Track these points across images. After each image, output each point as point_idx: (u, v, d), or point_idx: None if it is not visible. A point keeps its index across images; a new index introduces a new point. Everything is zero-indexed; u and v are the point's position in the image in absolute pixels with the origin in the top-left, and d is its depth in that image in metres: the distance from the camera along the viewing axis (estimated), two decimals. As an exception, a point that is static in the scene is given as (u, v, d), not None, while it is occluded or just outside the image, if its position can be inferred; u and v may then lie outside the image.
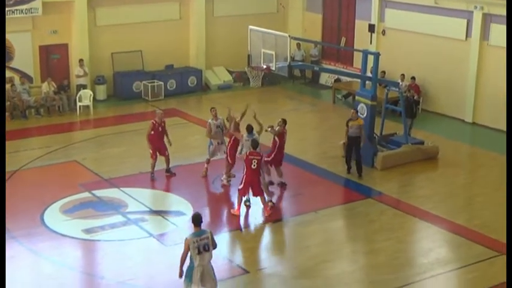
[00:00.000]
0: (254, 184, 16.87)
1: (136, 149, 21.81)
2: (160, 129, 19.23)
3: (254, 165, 16.74)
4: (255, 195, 17.10)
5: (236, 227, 16.76)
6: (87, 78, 27.06)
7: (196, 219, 12.06)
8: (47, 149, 21.80)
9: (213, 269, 12.20)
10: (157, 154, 19.26)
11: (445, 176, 20.14)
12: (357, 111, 19.86)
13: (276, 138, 18.69)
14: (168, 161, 19.46)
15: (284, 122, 18.94)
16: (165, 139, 19.37)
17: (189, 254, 11.90)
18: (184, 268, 12.09)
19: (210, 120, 19.39)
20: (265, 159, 18.15)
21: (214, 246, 12.15)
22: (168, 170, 19.50)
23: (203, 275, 11.93)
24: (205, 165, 19.41)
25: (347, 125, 19.52)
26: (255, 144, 17.07)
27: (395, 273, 14.38)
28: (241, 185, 16.95)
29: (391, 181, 19.58)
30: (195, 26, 29.68)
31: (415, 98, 23.41)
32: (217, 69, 30.54)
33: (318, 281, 14.06)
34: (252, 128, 18.21)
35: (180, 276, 12.08)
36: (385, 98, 21.99)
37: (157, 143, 19.21)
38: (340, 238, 16.36)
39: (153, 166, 19.27)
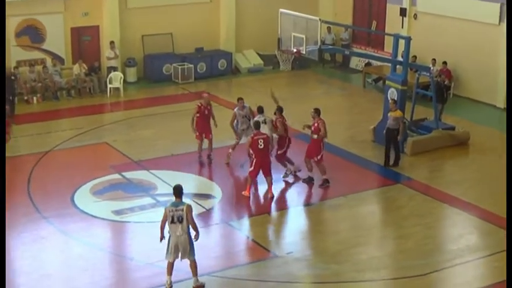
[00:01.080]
0: (264, 164, 16.98)
1: (166, 131, 21.90)
2: (206, 112, 19.20)
3: (261, 145, 16.84)
4: (264, 175, 17.14)
5: (265, 211, 16.78)
6: (118, 60, 27.18)
7: (176, 190, 12.60)
8: (78, 131, 21.96)
9: (190, 244, 12.59)
10: (203, 136, 19.27)
11: (475, 162, 19.96)
12: (395, 102, 19.27)
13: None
14: (211, 145, 19.43)
15: (279, 109, 18.48)
16: (212, 122, 19.37)
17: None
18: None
19: (236, 110, 19.28)
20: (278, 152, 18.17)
21: (193, 224, 12.57)
22: (209, 156, 19.42)
23: (176, 247, 12.52)
24: (230, 150, 19.35)
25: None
26: (257, 125, 17.36)
27: (424, 259, 14.30)
28: (252, 168, 17.06)
29: (420, 167, 19.45)
30: (226, 8, 29.63)
31: (446, 83, 23.19)
32: (247, 52, 30.49)
33: (346, 266, 14.03)
34: (263, 109, 18.37)
35: (160, 240, 12.73)
36: (415, 83, 21.78)
37: (203, 126, 19.19)
38: (369, 223, 16.30)
39: (200, 147, 19.31)
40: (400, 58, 22.04)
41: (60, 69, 26.11)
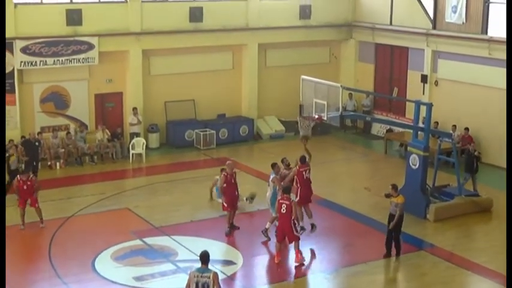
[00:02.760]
0: (286, 229, 16.92)
1: (188, 197, 21.96)
2: (232, 180, 18.95)
3: (284, 210, 16.82)
4: (289, 241, 17.09)
5: (285, 278, 16.65)
6: (141, 126, 27.46)
7: (203, 257, 12.33)
8: (100, 196, 22.08)
9: None
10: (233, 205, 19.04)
11: (499, 228, 19.73)
12: (396, 187, 17.79)
13: (296, 178, 18.80)
14: (234, 214, 19.27)
15: (301, 160, 18.95)
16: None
17: None
18: None
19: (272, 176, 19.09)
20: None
21: None
22: (233, 224, 19.19)
23: None
24: (269, 224, 18.72)
25: (386, 196, 18.05)
26: (287, 189, 17.32)
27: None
28: (276, 232, 17.20)
29: (444, 233, 19.27)
30: (248, 75, 29.99)
31: (476, 153, 23.00)
32: (268, 118, 30.69)
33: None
34: (276, 165, 18.78)
35: None
36: (437, 149, 21.78)
37: (231, 195, 18.91)
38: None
39: (231, 218, 19.01)
40: (421, 124, 22.08)
41: (84, 135, 26.39)
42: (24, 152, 23.05)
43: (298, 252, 17.07)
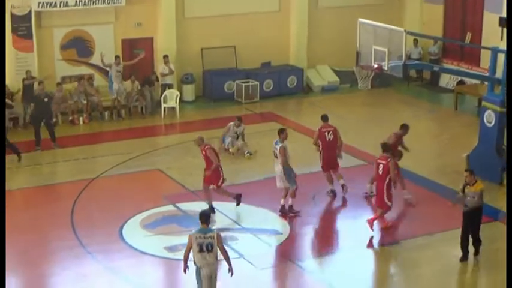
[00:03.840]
0: (378, 192, 17.21)
1: (227, 157, 22.05)
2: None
3: (380, 171, 17.02)
4: (376, 204, 17.43)
5: (340, 250, 16.72)
6: (174, 76, 27.53)
7: (204, 217, 12.87)
8: (128, 156, 22.29)
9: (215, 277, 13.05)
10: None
11: None
12: (473, 173, 16.18)
13: (319, 141, 19.12)
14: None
15: (322, 118, 19.33)
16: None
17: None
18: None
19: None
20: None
21: (225, 255, 12.97)
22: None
23: (210, 277, 12.85)
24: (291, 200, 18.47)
25: (462, 191, 16.18)
26: (385, 147, 17.58)
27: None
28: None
29: (522, 202, 19.08)
30: (296, 18, 29.80)
31: None
32: (320, 68, 30.54)
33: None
34: (284, 131, 18.26)
35: (184, 271, 13.09)
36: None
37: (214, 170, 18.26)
38: (459, 267, 16.04)
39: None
40: (499, 75, 21.74)
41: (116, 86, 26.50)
42: (34, 110, 23.35)
43: (379, 218, 17.26)
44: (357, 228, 17.67)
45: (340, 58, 29.70)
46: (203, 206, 18.50)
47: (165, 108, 26.59)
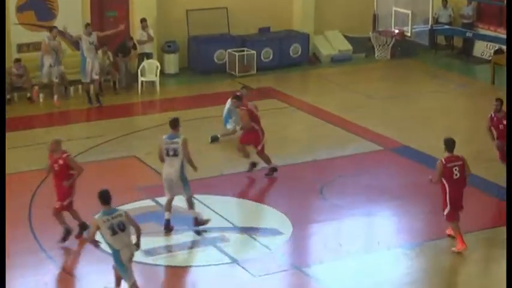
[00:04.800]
0: (459, 200, 16.48)
1: (217, 143, 22.03)
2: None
3: (456, 175, 16.29)
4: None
5: (353, 253, 16.74)
6: (153, 44, 27.51)
7: (104, 197, 13.86)
8: (98, 139, 22.28)
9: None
10: None
11: None
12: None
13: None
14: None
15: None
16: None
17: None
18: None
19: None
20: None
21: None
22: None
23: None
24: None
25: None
26: (448, 143, 16.63)
27: None
28: (448, 209, 16.48)
29: None
30: (301, -26, 29.82)
31: None
32: (330, 34, 30.51)
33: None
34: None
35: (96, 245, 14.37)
36: None
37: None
38: (502, 272, 16.04)
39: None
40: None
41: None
42: None
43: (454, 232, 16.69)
44: (371, 228, 17.78)
45: (354, 22, 29.72)
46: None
47: (142, 82, 26.58)
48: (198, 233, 17.12)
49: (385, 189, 19.27)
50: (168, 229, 17.18)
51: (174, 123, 16.98)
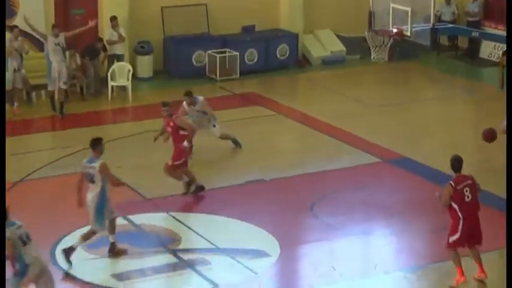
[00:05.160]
0: (476, 226, 16.04)
1: (196, 154, 21.97)
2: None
3: (468, 197, 15.87)
4: (477, 243, 16.27)
5: (347, 277, 16.72)
6: (124, 45, 27.51)
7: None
8: (63, 151, 22.20)
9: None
10: None
11: None
12: None
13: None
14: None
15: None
16: None
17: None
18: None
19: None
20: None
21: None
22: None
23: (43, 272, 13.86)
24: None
25: None
26: (456, 163, 16.21)
27: None
28: (457, 235, 16.06)
29: None
30: (289, -34, 29.89)
31: None
32: (321, 33, 30.58)
33: None
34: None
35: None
36: None
37: None
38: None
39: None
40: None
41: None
42: None
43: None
44: (368, 249, 17.76)
45: (348, 20, 29.81)
46: (164, 219, 18.58)
47: (112, 87, 26.56)
48: (176, 255, 17.08)
49: (382, 206, 19.23)
50: (114, 253, 17.05)
51: (94, 144, 16.32)
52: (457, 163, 16.09)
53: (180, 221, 18.43)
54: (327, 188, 19.61)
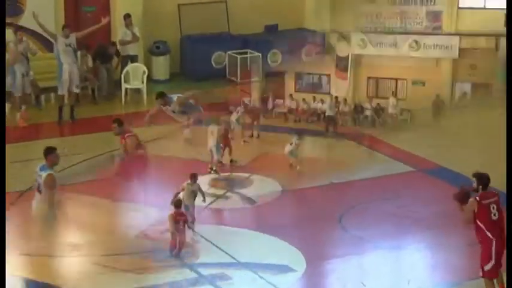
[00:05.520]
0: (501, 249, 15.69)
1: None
2: None
3: (495, 215, 15.54)
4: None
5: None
6: (138, 45, 27.76)
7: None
8: (72, 159, 22.43)
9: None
10: None
11: None
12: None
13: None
14: None
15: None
16: None
17: None
18: None
19: None
20: None
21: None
22: None
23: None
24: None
25: None
26: (483, 179, 15.82)
27: None
28: (492, 262, 15.74)
29: None
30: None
31: None
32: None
33: None
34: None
35: None
36: None
37: None
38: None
39: None
40: None
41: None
42: None
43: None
44: (399, 263, 17.90)
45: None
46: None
47: (126, 90, 26.75)
48: (194, 269, 17.27)
49: (416, 218, 19.34)
50: None
51: (46, 153, 16.15)
52: (483, 180, 15.60)
53: (199, 234, 18.55)
54: (356, 198, 19.77)
